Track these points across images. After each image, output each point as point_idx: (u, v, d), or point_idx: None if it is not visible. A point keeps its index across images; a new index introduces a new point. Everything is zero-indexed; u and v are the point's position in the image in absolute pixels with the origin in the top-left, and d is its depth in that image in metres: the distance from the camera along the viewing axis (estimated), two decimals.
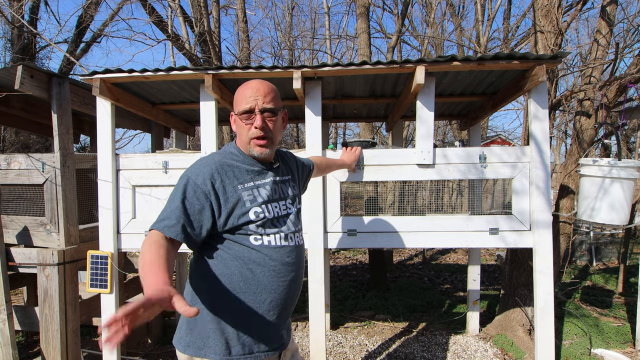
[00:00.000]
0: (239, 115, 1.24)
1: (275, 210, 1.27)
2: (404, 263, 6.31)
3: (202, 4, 5.60)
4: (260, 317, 1.21)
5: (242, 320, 1.20)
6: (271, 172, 1.33)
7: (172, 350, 3.19)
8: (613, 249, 5.97)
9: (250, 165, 1.28)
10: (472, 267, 3.38)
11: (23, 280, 3.38)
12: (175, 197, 1.16)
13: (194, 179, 1.17)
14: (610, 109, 3.01)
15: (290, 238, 1.29)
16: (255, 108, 1.22)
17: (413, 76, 2.15)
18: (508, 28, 7.97)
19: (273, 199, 1.28)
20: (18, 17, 5.22)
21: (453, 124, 9.32)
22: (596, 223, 2.40)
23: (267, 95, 1.23)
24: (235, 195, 1.20)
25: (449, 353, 3.01)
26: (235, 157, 1.28)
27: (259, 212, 1.22)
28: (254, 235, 1.21)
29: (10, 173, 2.61)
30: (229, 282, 1.19)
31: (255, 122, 1.22)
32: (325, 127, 3.83)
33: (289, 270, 1.26)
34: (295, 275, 1.29)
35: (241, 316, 1.20)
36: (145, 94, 2.78)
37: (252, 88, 1.23)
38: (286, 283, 1.25)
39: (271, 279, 1.22)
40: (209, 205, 1.16)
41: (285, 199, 1.33)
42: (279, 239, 1.25)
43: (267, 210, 1.24)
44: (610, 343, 3.04)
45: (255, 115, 1.22)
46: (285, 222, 1.29)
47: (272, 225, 1.25)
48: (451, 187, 2.69)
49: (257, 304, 1.21)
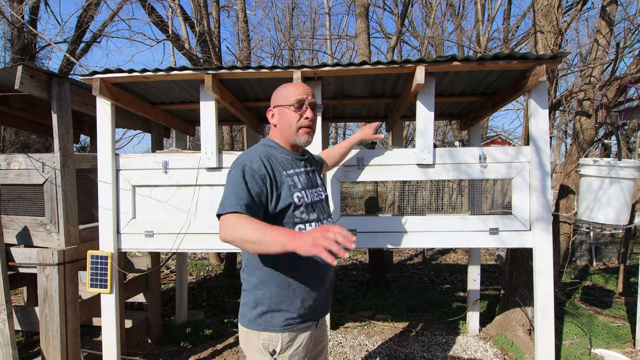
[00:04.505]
0: (291, 106, 1.40)
1: (312, 196, 1.42)
2: (404, 263, 6.31)
3: (202, 4, 5.60)
4: (307, 294, 1.37)
5: (293, 298, 1.35)
6: (303, 162, 1.49)
7: (172, 350, 3.19)
8: (613, 249, 5.97)
9: (287, 155, 1.44)
10: (472, 267, 3.38)
11: (23, 280, 3.38)
12: (236, 184, 1.26)
13: (249, 165, 1.29)
14: (610, 109, 3.01)
15: (325, 223, 1.43)
16: (306, 101, 1.40)
17: (413, 76, 2.15)
18: (508, 28, 7.97)
19: (308, 185, 1.43)
20: (18, 17, 5.22)
21: (453, 124, 9.32)
22: (596, 223, 2.40)
23: (313, 94, 1.45)
24: (282, 180, 1.34)
25: (449, 353, 3.01)
26: (274, 148, 1.44)
27: (300, 197, 1.36)
28: (299, 225, 1.34)
29: (10, 173, 2.61)
30: (280, 269, 1.34)
31: (306, 113, 1.40)
32: (325, 127, 3.83)
33: None
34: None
35: (292, 295, 1.35)
36: (145, 94, 2.78)
37: (301, 86, 1.45)
38: (325, 264, 1.39)
39: (314, 263, 1.36)
40: (265, 188, 1.29)
41: (317, 187, 1.49)
42: (317, 226, 1.38)
43: (306, 196, 1.39)
44: (610, 343, 3.04)
45: (306, 107, 1.41)
46: (320, 207, 1.45)
47: (312, 210, 1.39)
48: (451, 187, 2.69)
49: (304, 285, 1.36)
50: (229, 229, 1.18)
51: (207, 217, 2.38)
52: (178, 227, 2.39)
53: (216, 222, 2.31)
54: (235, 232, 1.17)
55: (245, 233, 1.15)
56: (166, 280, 5.32)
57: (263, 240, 1.12)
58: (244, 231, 1.15)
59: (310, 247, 1.04)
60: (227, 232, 1.18)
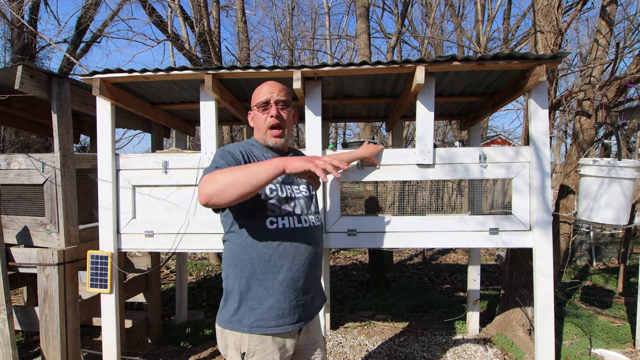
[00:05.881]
0: (257, 107, 1.43)
1: (289, 191, 1.40)
2: (404, 263, 6.31)
3: (202, 4, 5.60)
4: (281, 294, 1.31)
5: (265, 297, 1.31)
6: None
7: (172, 350, 3.19)
8: (613, 249, 5.97)
9: (267, 153, 1.45)
10: (472, 267, 3.38)
11: (23, 280, 3.38)
12: (215, 160, 1.31)
13: (227, 149, 1.35)
14: (610, 109, 3.01)
15: (305, 220, 1.40)
16: (271, 100, 1.41)
17: (413, 76, 2.15)
18: (508, 28, 7.96)
19: (287, 182, 1.42)
20: (18, 17, 5.22)
21: (453, 124, 9.32)
22: (596, 223, 2.39)
23: (281, 91, 1.44)
24: None
25: (449, 353, 3.01)
26: (255, 146, 1.46)
27: (273, 190, 1.35)
28: (270, 218, 1.32)
29: (10, 173, 2.61)
30: (250, 265, 1.31)
31: (270, 111, 1.40)
32: (325, 127, 3.83)
33: (305, 250, 1.36)
34: (312, 253, 1.39)
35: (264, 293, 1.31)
36: (145, 94, 2.78)
37: (269, 85, 1.44)
38: (302, 262, 1.35)
39: (288, 259, 1.32)
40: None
41: (299, 185, 1.47)
42: (294, 222, 1.36)
43: (281, 190, 1.37)
44: (610, 343, 3.04)
45: (271, 105, 1.41)
46: (298, 204, 1.41)
47: (286, 206, 1.36)
48: (451, 187, 2.69)
49: (277, 283, 1.31)
50: (211, 182, 1.12)
51: (207, 217, 2.38)
52: (178, 227, 2.39)
53: (216, 222, 2.33)
54: (219, 179, 1.11)
55: (231, 174, 1.12)
56: (166, 280, 5.32)
57: (254, 170, 1.11)
58: (229, 173, 1.12)
59: (303, 162, 1.08)
60: (210, 185, 1.11)
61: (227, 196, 1.10)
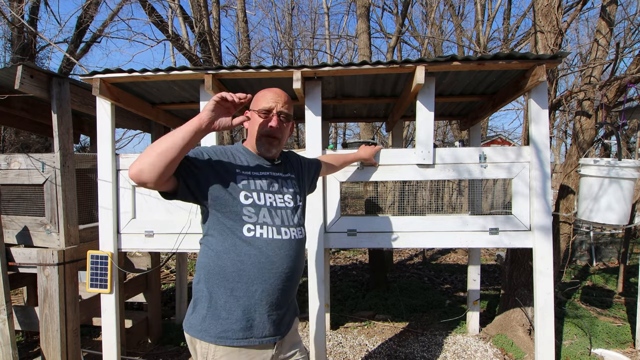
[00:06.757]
0: (258, 111, 1.36)
1: (269, 200, 1.34)
2: (404, 263, 6.31)
3: (202, 4, 5.60)
4: (252, 306, 1.26)
5: (235, 308, 1.26)
6: (272, 168, 1.42)
7: (172, 350, 3.19)
8: (613, 249, 5.97)
9: (253, 159, 1.39)
10: (472, 267, 3.38)
11: (23, 280, 3.38)
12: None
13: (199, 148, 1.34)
14: (610, 109, 3.01)
15: (285, 232, 1.33)
16: (274, 109, 1.36)
17: (413, 76, 2.15)
18: (508, 28, 7.97)
19: (269, 190, 1.36)
20: (18, 17, 5.22)
21: (453, 124, 9.32)
22: (596, 223, 2.39)
23: (285, 102, 1.39)
24: (226, 169, 1.31)
25: (449, 353, 3.01)
26: (240, 152, 1.40)
27: (249, 196, 1.30)
28: (248, 225, 1.27)
29: (10, 173, 2.61)
30: (222, 272, 1.26)
31: (271, 122, 1.35)
32: (325, 127, 3.83)
33: (281, 263, 1.30)
34: (289, 268, 1.32)
35: (234, 304, 1.26)
36: (145, 94, 2.78)
37: (275, 92, 1.39)
38: (277, 275, 1.29)
39: (262, 271, 1.27)
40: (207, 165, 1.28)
41: (284, 194, 1.40)
42: (272, 232, 1.30)
43: (259, 198, 1.32)
44: (610, 343, 3.04)
45: (273, 115, 1.36)
46: (280, 215, 1.34)
47: (266, 215, 1.31)
48: (451, 187, 2.69)
49: (249, 294, 1.26)
50: (143, 156, 1.10)
51: None
52: (178, 227, 2.39)
53: None
54: (151, 150, 1.10)
55: (160, 141, 1.11)
56: (166, 280, 5.32)
57: (178, 132, 1.12)
58: (158, 142, 1.11)
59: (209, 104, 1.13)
60: (142, 159, 1.09)
61: (161, 163, 1.10)
